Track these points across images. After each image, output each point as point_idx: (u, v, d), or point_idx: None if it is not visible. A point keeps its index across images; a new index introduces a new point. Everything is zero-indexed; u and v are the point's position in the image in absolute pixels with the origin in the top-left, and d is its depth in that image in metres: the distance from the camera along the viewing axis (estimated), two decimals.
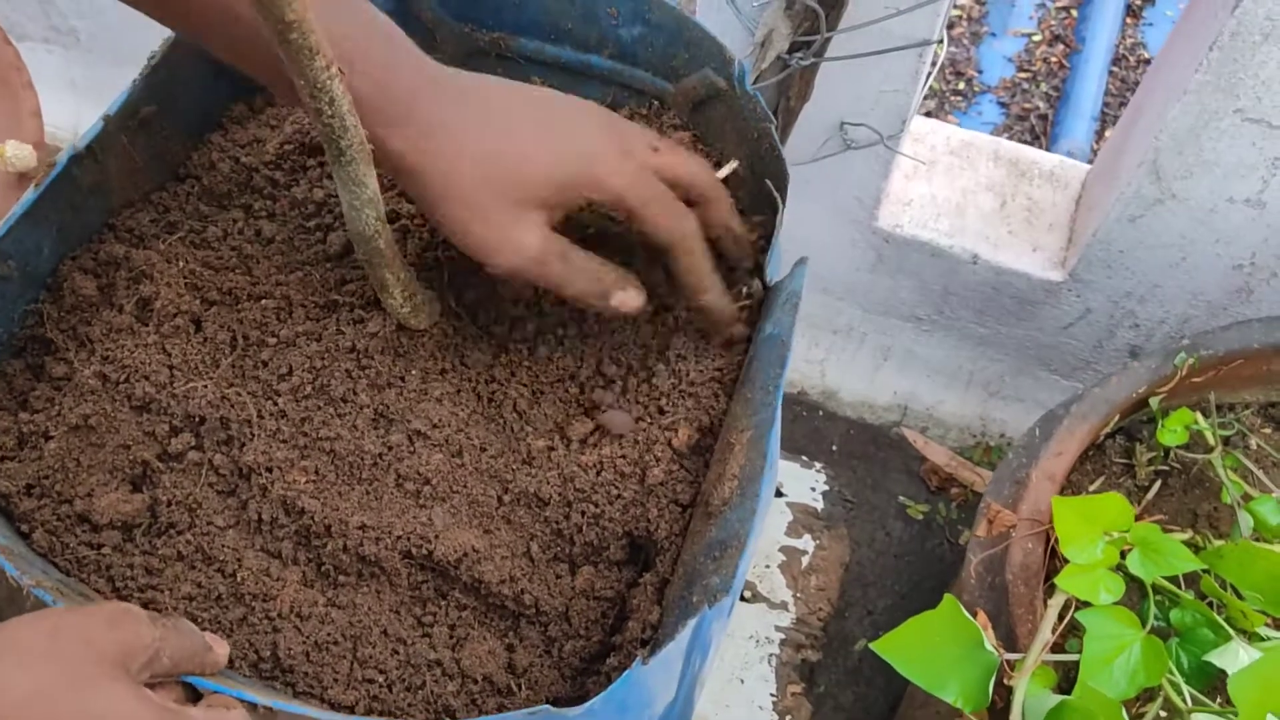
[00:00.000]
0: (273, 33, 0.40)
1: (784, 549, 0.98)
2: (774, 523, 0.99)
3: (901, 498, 1.02)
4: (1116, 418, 0.72)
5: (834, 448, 1.06)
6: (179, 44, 0.59)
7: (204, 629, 0.48)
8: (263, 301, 0.56)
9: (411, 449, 0.53)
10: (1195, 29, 0.72)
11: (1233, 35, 0.67)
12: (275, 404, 0.53)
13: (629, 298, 0.54)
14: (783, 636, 0.93)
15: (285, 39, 0.40)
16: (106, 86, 1.27)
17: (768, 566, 0.97)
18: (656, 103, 0.64)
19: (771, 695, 0.91)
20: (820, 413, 1.09)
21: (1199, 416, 0.72)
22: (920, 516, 1.01)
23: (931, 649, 0.56)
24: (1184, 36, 0.75)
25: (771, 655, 0.93)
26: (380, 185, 0.48)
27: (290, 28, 0.40)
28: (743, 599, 0.95)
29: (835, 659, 0.93)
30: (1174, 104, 0.72)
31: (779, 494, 1.01)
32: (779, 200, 0.57)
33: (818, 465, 1.04)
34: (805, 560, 0.98)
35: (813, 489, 1.02)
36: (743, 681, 0.91)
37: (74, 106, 1.30)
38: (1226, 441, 0.74)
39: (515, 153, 0.49)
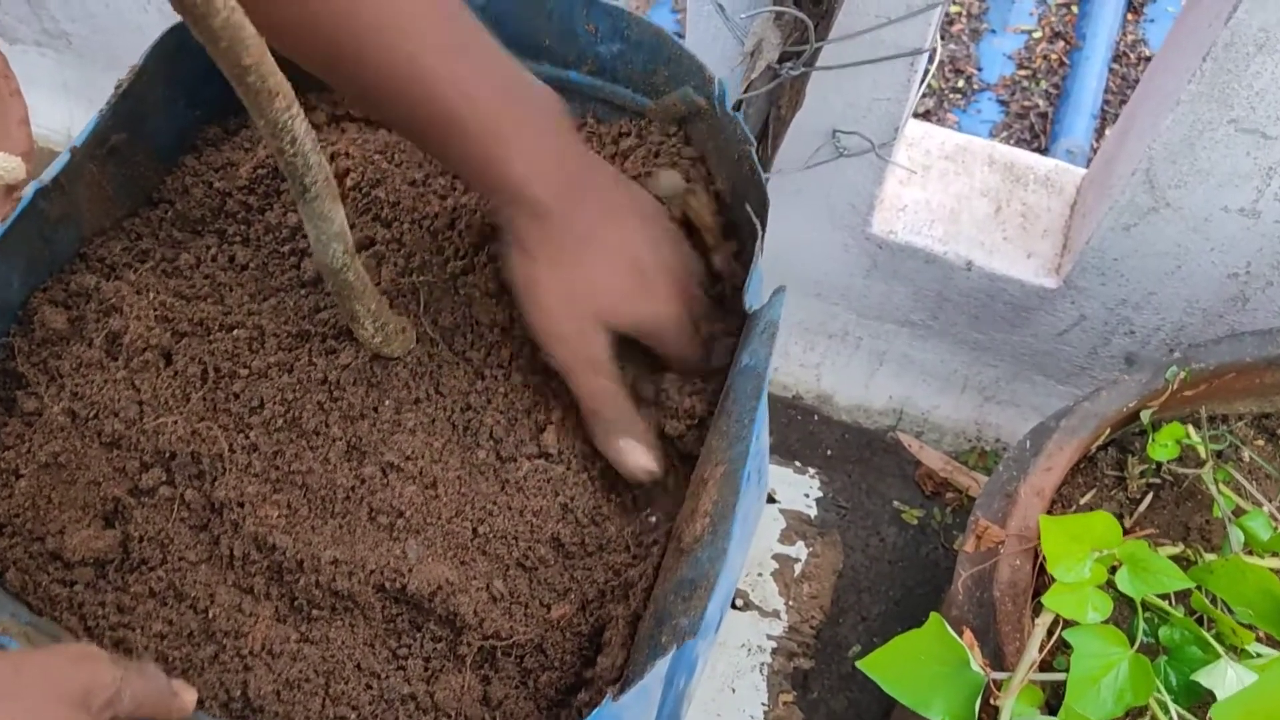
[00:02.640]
0: (231, 77, 0.40)
1: (776, 556, 0.98)
2: (766, 530, 0.99)
3: (896, 502, 1.02)
4: (1107, 431, 0.71)
5: (828, 452, 1.05)
6: (147, 70, 0.58)
7: (175, 669, 0.48)
8: (234, 332, 0.55)
9: (385, 481, 0.53)
10: (1188, 39, 0.71)
11: (1226, 46, 0.65)
12: (247, 437, 0.53)
13: (643, 462, 0.54)
14: (775, 645, 0.93)
15: (243, 82, 0.40)
16: (99, 90, 1.26)
17: (760, 575, 0.96)
18: (654, 126, 0.63)
19: (763, 704, 0.91)
20: (815, 417, 1.08)
21: (1190, 430, 0.71)
22: (915, 521, 1.01)
23: (918, 667, 0.55)
24: (1177, 46, 0.74)
25: (763, 664, 0.92)
26: (348, 216, 0.48)
27: (248, 71, 0.39)
28: (734, 607, 0.94)
29: (828, 665, 0.93)
30: (1167, 114, 0.71)
31: (771, 500, 1.00)
32: (759, 225, 0.56)
33: (811, 471, 1.03)
34: (798, 568, 0.97)
35: (806, 495, 1.02)
36: (734, 690, 0.91)
37: (67, 109, 1.29)
38: (1219, 454, 0.73)
39: (609, 290, 0.55)
